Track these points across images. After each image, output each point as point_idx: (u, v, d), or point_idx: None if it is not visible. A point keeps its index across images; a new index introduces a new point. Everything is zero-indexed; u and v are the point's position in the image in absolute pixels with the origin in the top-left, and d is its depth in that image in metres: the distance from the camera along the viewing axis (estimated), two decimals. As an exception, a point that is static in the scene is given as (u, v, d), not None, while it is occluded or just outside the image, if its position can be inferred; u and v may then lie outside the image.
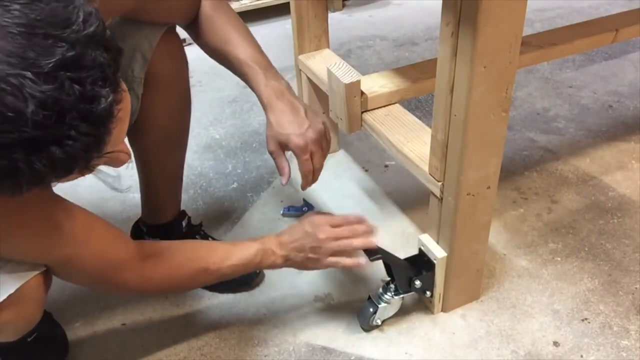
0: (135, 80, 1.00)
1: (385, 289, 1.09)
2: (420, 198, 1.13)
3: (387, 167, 1.57)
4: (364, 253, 1.05)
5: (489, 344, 1.09)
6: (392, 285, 1.09)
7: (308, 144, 0.98)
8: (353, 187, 1.50)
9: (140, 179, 1.20)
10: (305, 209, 1.40)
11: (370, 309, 1.09)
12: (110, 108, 0.57)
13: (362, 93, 1.19)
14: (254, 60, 0.99)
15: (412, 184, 1.13)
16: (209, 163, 1.61)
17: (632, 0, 2.17)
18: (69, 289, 1.20)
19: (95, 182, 1.53)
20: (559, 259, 1.26)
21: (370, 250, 1.06)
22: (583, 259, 1.26)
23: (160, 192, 1.20)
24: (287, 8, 1.52)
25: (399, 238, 1.15)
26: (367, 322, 1.10)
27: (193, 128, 1.18)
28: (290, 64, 1.53)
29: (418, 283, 1.08)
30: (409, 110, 1.22)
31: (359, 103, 1.20)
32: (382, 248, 1.08)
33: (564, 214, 1.38)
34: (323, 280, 1.23)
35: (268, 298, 1.20)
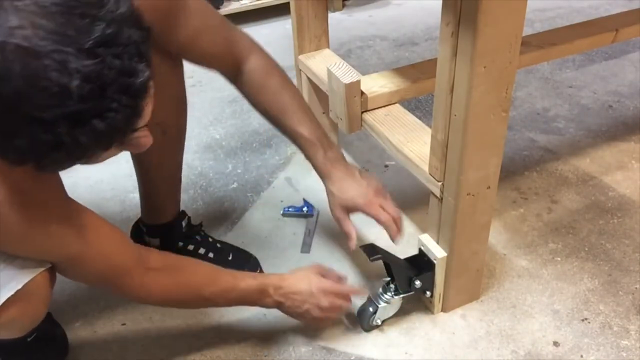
0: None
1: (385, 289, 1.09)
2: (420, 198, 1.13)
3: (387, 167, 1.57)
4: (364, 253, 1.06)
5: (489, 344, 1.09)
6: (392, 285, 1.09)
7: (372, 199, 1.03)
8: (353, 187, 1.49)
9: (139, 180, 1.20)
10: (306, 209, 1.40)
11: (370, 309, 1.09)
12: (147, 82, 0.60)
13: (362, 93, 1.19)
14: (312, 134, 1.03)
15: (412, 184, 1.13)
16: (209, 163, 1.61)
17: (632, 0, 2.17)
18: (69, 289, 1.19)
19: (96, 182, 1.53)
20: (559, 259, 1.26)
21: (371, 250, 1.06)
22: (583, 259, 1.26)
23: (160, 192, 1.20)
24: (287, 8, 1.52)
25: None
26: (367, 322, 1.10)
27: (193, 128, 1.18)
28: (290, 64, 1.53)
29: (418, 283, 1.08)
30: (409, 110, 1.22)
31: (359, 103, 1.20)
32: (382, 248, 1.08)
33: (564, 214, 1.38)
34: (323, 280, 1.23)
35: (268, 298, 1.20)
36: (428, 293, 1.11)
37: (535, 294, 1.18)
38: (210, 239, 1.26)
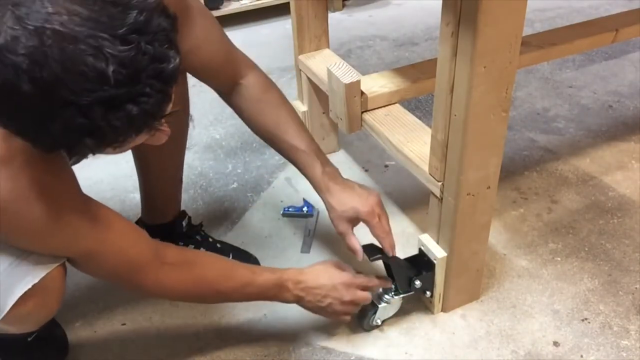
0: None
1: (385, 289, 1.09)
2: (420, 198, 1.13)
3: (387, 167, 1.57)
4: (364, 253, 1.06)
5: (489, 344, 1.09)
6: (392, 285, 1.09)
7: (374, 208, 1.04)
8: (353, 187, 1.49)
9: (140, 180, 1.20)
10: (305, 209, 1.40)
11: (370, 309, 1.09)
12: (178, 68, 0.62)
13: (362, 93, 1.19)
14: (310, 148, 1.05)
15: (412, 184, 1.13)
16: (209, 163, 1.61)
17: (632, 0, 2.17)
18: (69, 289, 1.19)
19: (95, 182, 1.53)
20: (559, 259, 1.26)
21: (371, 250, 1.06)
22: (583, 259, 1.26)
23: (160, 192, 1.21)
24: (287, 8, 1.52)
25: (399, 238, 1.15)
26: (367, 322, 1.10)
27: (193, 128, 1.18)
28: (290, 64, 1.53)
29: (418, 283, 1.08)
30: (409, 110, 1.22)
31: (359, 103, 1.20)
32: (382, 248, 1.08)
33: (564, 214, 1.38)
34: (323, 280, 1.23)
35: (268, 298, 1.20)
36: (428, 293, 1.11)
37: (535, 294, 1.18)
38: (211, 239, 1.26)
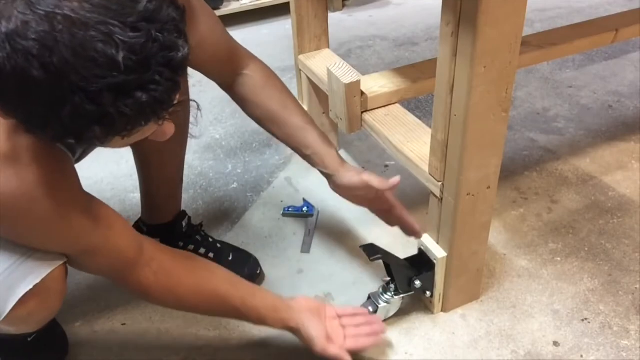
0: None
1: (385, 289, 1.09)
2: (420, 198, 1.13)
3: (387, 167, 1.57)
4: (364, 253, 1.06)
5: (489, 344, 1.09)
6: (392, 285, 1.09)
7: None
8: (353, 187, 1.49)
9: (140, 179, 1.20)
10: (306, 209, 1.40)
11: (370, 309, 1.09)
12: (187, 57, 0.62)
13: (362, 93, 1.19)
14: (319, 130, 1.07)
15: (412, 184, 1.13)
16: (209, 163, 1.61)
17: (632, 0, 2.17)
18: (69, 289, 1.18)
19: (96, 182, 1.53)
20: (559, 259, 1.26)
21: (371, 250, 1.06)
22: (583, 259, 1.26)
23: (161, 192, 1.20)
24: (287, 8, 1.52)
25: (399, 238, 1.15)
26: (367, 322, 1.10)
27: (193, 128, 1.18)
28: (290, 64, 1.53)
29: (418, 283, 1.08)
30: (409, 110, 1.22)
31: (359, 103, 1.20)
32: (382, 248, 1.08)
33: (564, 214, 1.38)
34: (323, 280, 1.23)
35: (268, 298, 1.20)
36: (428, 293, 1.11)
37: (535, 294, 1.18)
38: (211, 239, 1.26)
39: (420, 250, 1.10)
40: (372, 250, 1.06)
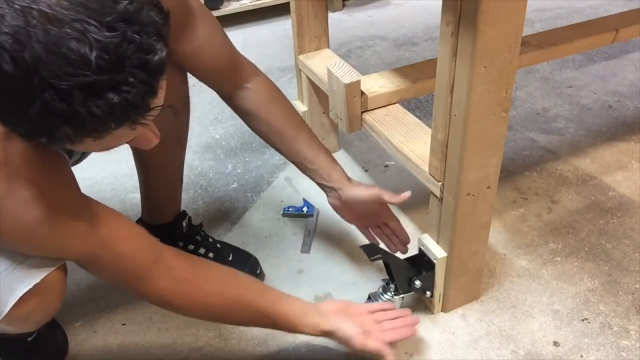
0: None
1: (385, 289, 1.09)
2: (420, 198, 1.13)
3: (387, 167, 1.57)
4: (364, 253, 1.06)
5: (489, 344, 1.09)
6: (392, 285, 1.09)
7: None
8: (353, 187, 1.49)
9: (140, 180, 1.20)
10: (306, 209, 1.40)
11: (370, 309, 1.09)
12: (164, 61, 0.61)
13: (362, 93, 1.19)
14: (325, 148, 1.10)
15: (412, 184, 1.13)
16: (209, 163, 1.61)
17: (632, 0, 2.17)
18: (69, 289, 1.18)
19: (95, 182, 1.53)
20: (559, 259, 1.26)
21: (371, 250, 1.06)
22: (583, 259, 1.26)
23: (160, 192, 1.21)
24: (287, 8, 1.52)
25: (399, 238, 1.16)
26: (367, 322, 1.10)
27: (193, 128, 1.19)
28: (290, 64, 1.53)
29: (418, 283, 1.08)
30: (409, 110, 1.22)
31: (359, 103, 1.20)
32: (382, 248, 1.08)
33: (564, 214, 1.38)
34: (323, 280, 1.23)
35: (268, 298, 1.20)
36: (428, 293, 1.11)
37: (535, 294, 1.18)
38: (211, 239, 1.26)
39: (420, 250, 1.10)
40: (372, 250, 1.06)
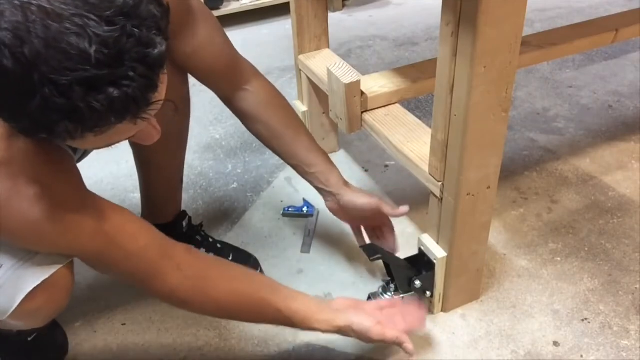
0: None
1: (385, 289, 1.09)
2: (420, 198, 1.13)
3: (387, 167, 1.57)
4: (364, 253, 1.06)
5: (489, 344, 1.09)
6: (392, 285, 1.09)
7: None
8: (353, 187, 1.50)
9: (140, 180, 1.20)
10: (306, 209, 1.40)
11: (370, 309, 1.09)
12: (164, 55, 0.61)
13: (362, 93, 1.19)
14: (324, 152, 1.11)
15: (412, 184, 1.13)
16: (209, 163, 1.61)
17: (632, 0, 2.17)
18: (69, 289, 1.19)
19: (96, 182, 1.53)
20: (559, 259, 1.26)
21: (371, 250, 1.06)
22: (583, 259, 1.26)
23: (160, 192, 1.21)
24: (287, 8, 1.52)
25: (399, 238, 1.15)
26: (367, 322, 1.10)
27: (193, 128, 1.19)
28: (290, 64, 1.53)
29: (418, 283, 1.08)
30: (409, 110, 1.22)
31: (359, 103, 1.20)
32: (382, 248, 1.08)
33: (564, 214, 1.38)
34: (323, 280, 1.23)
35: (268, 298, 1.20)
36: (428, 293, 1.11)
37: (535, 294, 1.18)
38: (211, 239, 1.26)
39: (420, 250, 1.10)
40: (372, 250, 1.06)
